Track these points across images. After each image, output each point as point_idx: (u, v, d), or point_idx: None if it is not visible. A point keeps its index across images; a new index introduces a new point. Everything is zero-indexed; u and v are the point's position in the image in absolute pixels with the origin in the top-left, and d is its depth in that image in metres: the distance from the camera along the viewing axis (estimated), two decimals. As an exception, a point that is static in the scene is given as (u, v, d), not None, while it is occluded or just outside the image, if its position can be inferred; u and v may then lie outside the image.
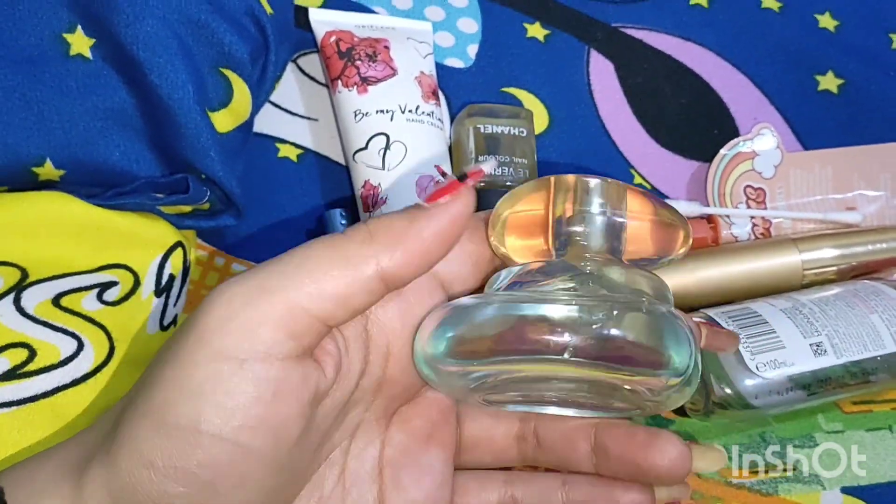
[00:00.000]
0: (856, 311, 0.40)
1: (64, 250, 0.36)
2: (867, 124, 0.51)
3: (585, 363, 0.26)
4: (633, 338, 0.26)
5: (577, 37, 0.52)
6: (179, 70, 0.37)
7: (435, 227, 0.26)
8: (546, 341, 0.25)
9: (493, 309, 0.27)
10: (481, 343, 0.27)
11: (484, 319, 0.26)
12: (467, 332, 0.27)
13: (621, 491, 0.30)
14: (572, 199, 0.29)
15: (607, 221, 0.29)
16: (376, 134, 0.44)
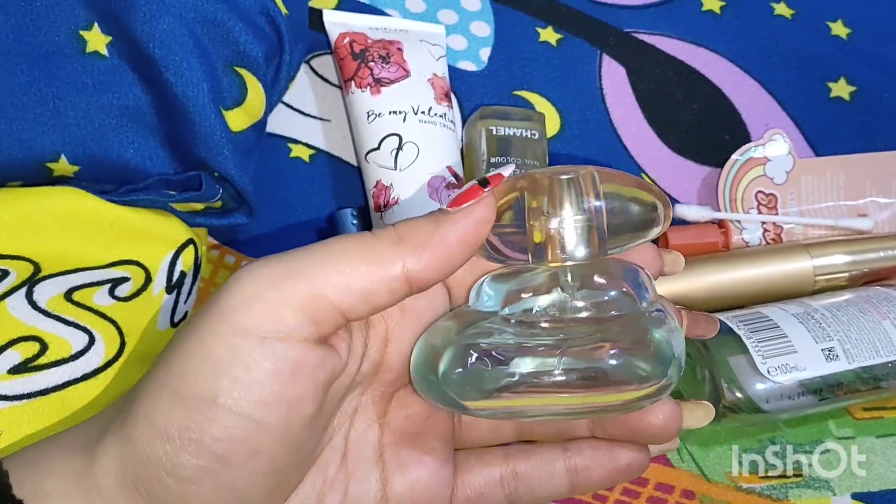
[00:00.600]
0: (868, 316, 0.40)
1: (76, 245, 0.36)
2: (879, 131, 0.51)
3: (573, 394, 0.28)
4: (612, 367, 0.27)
5: (590, 41, 0.52)
6: (195, 68, 0.37)
7: (460, 231, 0.27)
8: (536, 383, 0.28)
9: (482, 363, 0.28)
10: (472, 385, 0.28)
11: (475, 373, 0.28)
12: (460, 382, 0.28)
13: (621, 451, 0.31)
14: (546, 197, 0.28)
15: (583, 222, 0.28)
16: (389, 135, 0.45)
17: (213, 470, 0.25)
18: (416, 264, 0.26)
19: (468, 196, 0.27)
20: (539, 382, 0.27)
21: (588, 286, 0.29)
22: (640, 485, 0.39)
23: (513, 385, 0.28)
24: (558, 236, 0.28)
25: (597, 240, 0.28)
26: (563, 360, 0.27)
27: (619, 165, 0.49)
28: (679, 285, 0.44)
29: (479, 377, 0.28)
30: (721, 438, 0.41)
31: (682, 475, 0.40)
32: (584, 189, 0.28)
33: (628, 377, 0.27)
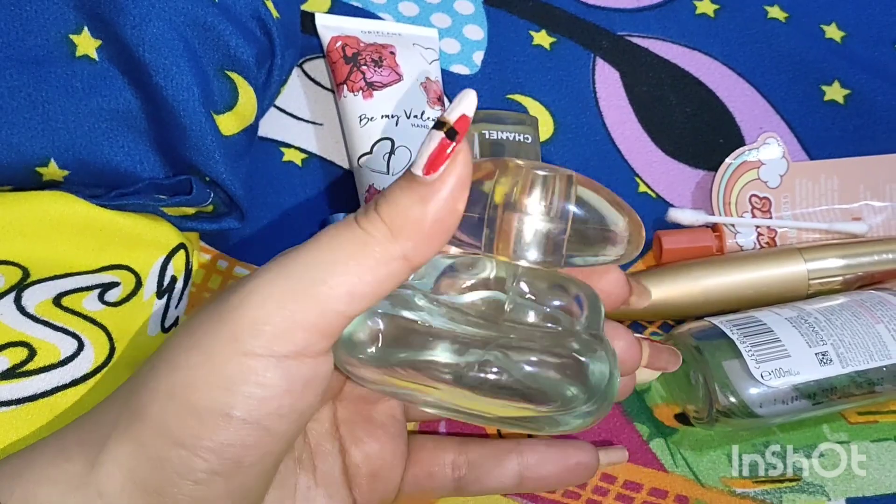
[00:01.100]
0: (861, 320, 0.40)
1: (66, 250, 0.36)
2: (873, 135, 0.51)
3: (475, 395, 0.27)
4: (516, 379, 0.26)
5: (583, 45, 0.52)
6: (185, 72, 0.37)
7: (449, 203, 0.26)
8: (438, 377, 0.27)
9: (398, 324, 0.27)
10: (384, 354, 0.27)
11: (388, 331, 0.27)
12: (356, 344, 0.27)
13: (572, 451, 0.33)
14: (516, 189, 0.27)
15: (546, 223, 0.27)
16: (381, 139, 0.44)
17: (226, 473, 0.25)
18: (415, 251, 0.26)
19: (440, 156, 0.25)
20: (442, 372, 0.27)
21: (532, 293, 0.28)
22: (634, 490, 0.39)
23: (415, 364, 0.27)
24: (516, 231, 0.27)
25: (553, 245, 0.27)
26: (479, 356, 0.26)
27: (613, 169, 0.49)
28: (673, 289, 0.44)
29: (390, 347, 0.27)
30: (715, 443, 0.41)
31: (676, 480, 0.39)
32: (558, 190, 0.27)
33: (538, 392, 0.27)
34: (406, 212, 0.26)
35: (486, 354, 0.26)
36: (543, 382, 0.27)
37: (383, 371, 0.27)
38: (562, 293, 0.28)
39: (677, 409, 0.42)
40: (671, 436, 0.41)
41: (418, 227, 0.26)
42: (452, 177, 0.25)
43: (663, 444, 0.40)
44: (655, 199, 0.49)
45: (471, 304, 0.28)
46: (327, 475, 0.31)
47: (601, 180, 0.48)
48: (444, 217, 0.26)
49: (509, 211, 0.27)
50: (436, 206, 0.26)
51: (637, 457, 0.40)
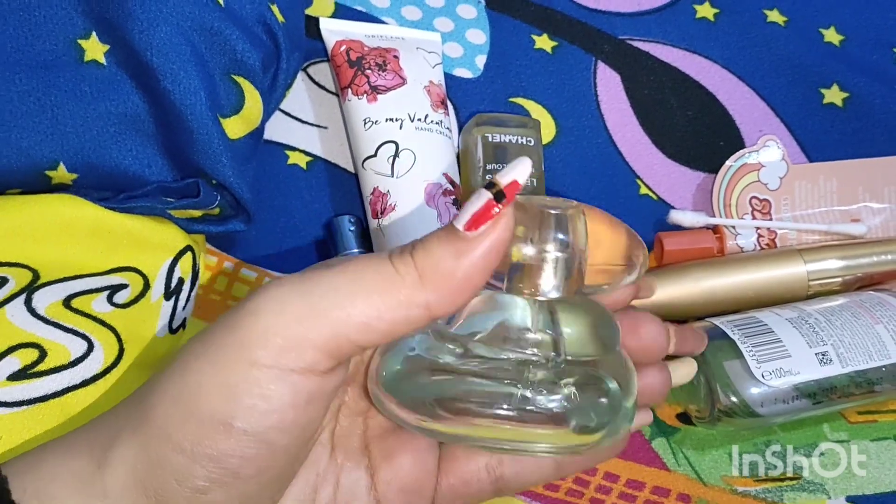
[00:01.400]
0: (861, 321, 0.40)
1: (75, 253, 0.36)
2: (872, 137, 0.51)
3: (520, 428, 0.28)
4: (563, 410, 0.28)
5: (585, 49, 0.52)
6: (192, 76, 0.37)
7: (481, 262, 0.26)
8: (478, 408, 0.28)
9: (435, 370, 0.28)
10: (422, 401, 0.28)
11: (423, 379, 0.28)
12: (410, 389, 0.28)
13: None
14: (530, 228, 0.28)
15: (562, 258, 0.28)
16: (385, 142, 0.45)
17: (225, 482, 0.25)
18: (438, 304, 0.26)
19: (484, 216, 0.26)
20: (487, 412, 0.27)
21: (556, 323, 0.28)
22: (637, 489, 0.39)
23: (459, 409, 0.28)
24: (538, 268, 0.28)
25: (574, 278, 0.28)
26: (519, 391, 0.27)
27: (615, 171, 0.50)
28: (674, 291, 0.44)
29: (426, 392, 0.28)
30: (717, 442, 0.41)
31: (679, 479, 0.40)
32: (571, 227, 0.28)
33: (577, 421, 0.28)
34: (439, 263, 0.26)
35: (519, 389, 0.27)
36: (574, 411, 0.28)
37: (420, 412, 0.28)
38: (583, 322, 0.29)
39: (679, 408, 0.42)
40: (673, 435, 0.41)
41: (447, 281, 0.26)
42: (491, 238, 0.26)
43: (665, 444, 0.41)
44: (656, 201, 0.49)
45: (500, 341, 0.28)
46: (348, 491, 0.30)
47: (603, 183, 0.49)
48: (474, 275, 0.26)
49: (529, 247, 0.28)
50: (468, 263, 0.26)
51: (639, 456, 0.40)
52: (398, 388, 0.28)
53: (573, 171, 0.49)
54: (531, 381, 0.27)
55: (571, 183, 0.49)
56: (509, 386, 0.27)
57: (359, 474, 0.30)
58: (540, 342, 0.28)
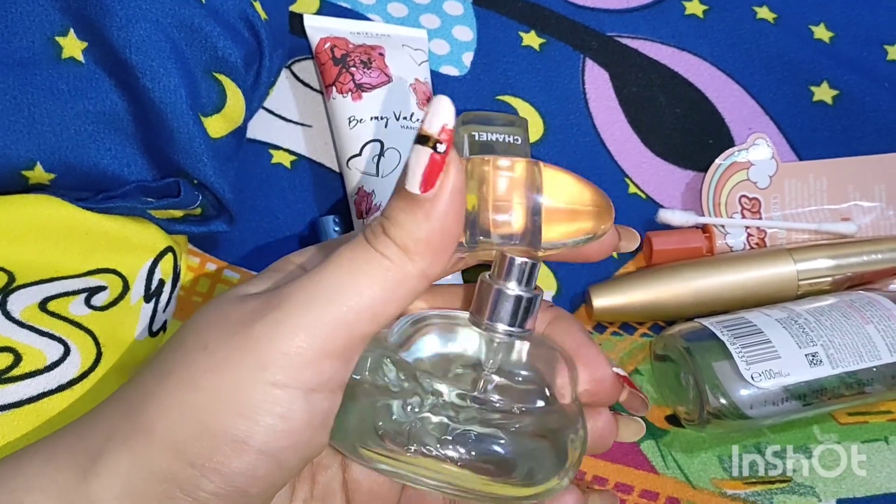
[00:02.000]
0: (851, 321, 0.40)
1: (52, 254, 0.36)
2: (862, 135, 0.51)
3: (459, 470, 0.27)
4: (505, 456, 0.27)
5: (573, 46, 0.52)
6: (172, 74, 0.37)
7: (451, 214, 0.26)
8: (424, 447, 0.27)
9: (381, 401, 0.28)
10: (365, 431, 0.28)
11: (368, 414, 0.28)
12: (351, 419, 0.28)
13: None
14: (488, 189, 0.28)
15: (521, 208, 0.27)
16: (370, 140, 0.44)
17: (229, 498, 0.25)
18: (431, 266, 0.26)
19: (433, 171, 0.26)
20: (421, 446, 0.27)
21: (509, 365, 0.28)
22: (626, 492, 0.39)
23: (397, 437, 0.27)
24: (490, 213, 0.27)
25: (532, 226, 0.28)
26: (459, 431, 0.27)
27: (603, 170, 0.49)
28: (663, 291, 0.44)
29: (370, 424, 0.28)
30: (706, 445, 0.41)
31: (667, 482, 0.39)
32: (527, 182, 0.27)
33: (515, 470, 0.27)
34: (414, 233, 0.26)
35: (460, 428, 0.27)
36: (514, 457, 0.27)
37: (359, 441, 0.28)
38: (539, 368, 0.29)
39: (668, 410, 0.42)
40: (662, 437, 0.41)
41: (429, 245, 0.26)
42: (448, 188, 0.26)
43: (654, 446, 0.40)
44: (645, 200, 0.49)
45: (451, 376, 0.28)
46: (324, 489, 0.31)
47: (591, 181, 0.48)
48: (450, 227, 0.26)
49: (487, 199, 0.27)
50: (440, 221, 0.26)
51: (628, 459, 0.40)
52: (340, 414, 0.28)
53: (561, 169, 0.48)
54: (472, 421, 0.27)
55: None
56: (450, 421, 0.27)
57: (333, 472, 0.31)
58: (489, 382, 0.28)
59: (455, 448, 0.27)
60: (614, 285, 0.44)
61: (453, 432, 0.27)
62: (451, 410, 0.27)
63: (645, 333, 0.45)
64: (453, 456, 0.27)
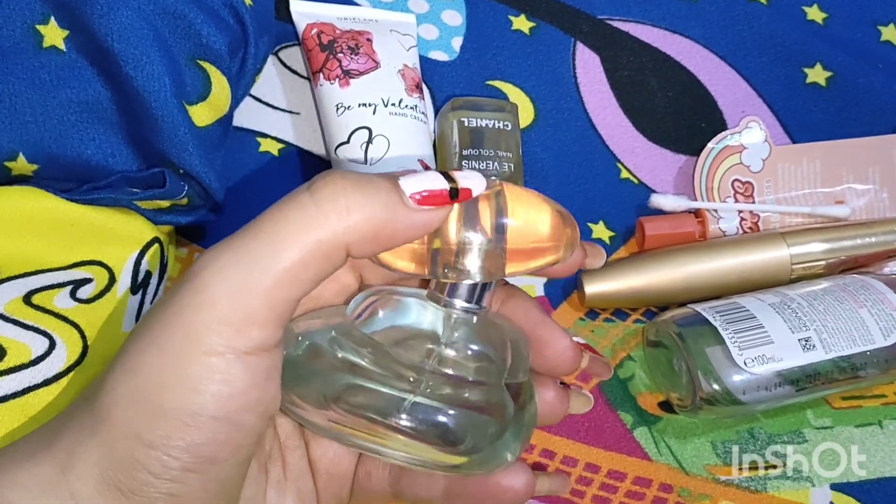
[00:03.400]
0: (844, 305, 0.40)
1: (36, 247, 0.35)
2: (855, 117, 0.51)
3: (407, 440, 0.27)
4: (453, 428, 0.27)
5: (563, 29, 0.51)
6: (155, 62, 0.36)
7: (411, 232, 0.26)
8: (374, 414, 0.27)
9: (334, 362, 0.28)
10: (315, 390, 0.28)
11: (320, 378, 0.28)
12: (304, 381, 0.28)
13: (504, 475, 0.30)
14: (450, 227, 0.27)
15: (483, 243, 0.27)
16: (359, 128, 0.44)
17: (200, 468, 0.25)
18: (358, 248, 0.26)
19: (433, 200, 0.26)
20: (377, 415, 0.27)
21: (464, 340, 0.28)
22: (618, 479, 0.39)
23: (353, 405, 0.27)
24: (454, 253, 0.27)
25: (493, 262, 0.27)
26: (411, 402, 0.27)
27: (595, 155, 0.49)
28: (656, 276, 0.44)
29: (321, 383, 0.28)
30: (699, 431, 0.40)
31: (661, 469, 0.39)
32: (490, 208, 0.27)
33: (464, 442, 0.27)
34: (373, 213, 0.25)
35: (412, 398, 0.27)
36: (463, 427, 0.27)
37: (309, 402, 0.28)
38: (492, 342, 0.29)
39: (661, 396, 0.42)
40: (655, 424, 0.41)
41: (375, 229, 0.25)
42: (429, 218, 0.26)
43: (647, 433, 0.40)
44: (637, 185, 0.48)
45: (402, 349, 0.28)
46: (296, 469, 0.31)
47: (582, 167, 0.48)
48: (399, 237, 0.26)
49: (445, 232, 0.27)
50: (400, 223, 0.26)
51: (621, 446, 0.40)
52: (293, 374, 0.28)
53: (552, 155, 0.48)
54: (425, 392, 0.27)
55: (550, 168, 0.48)
56: (403, 392, 0.27)
57: (300, 452, 0.31)
58: (444, 356, 0.28)
59: (407, 418, 0.27)
60: (606, 271, 0.44)
61: (406, 403, 0.27)
62: (405, 383, 0.27)
63: (638, 319, 0.44)
64: (405, 426, 0.27)
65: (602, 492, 0.38)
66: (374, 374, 0.27)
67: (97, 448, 0.25)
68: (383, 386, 0.27)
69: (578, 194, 0.47)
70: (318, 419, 0.28)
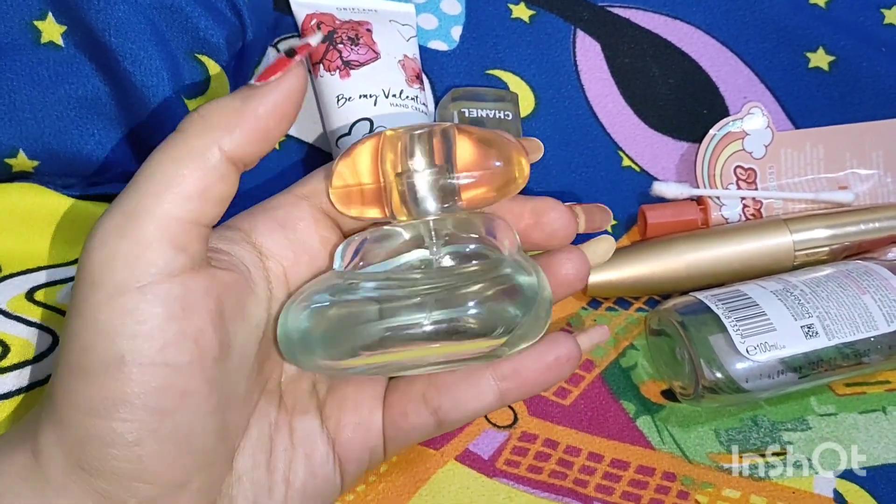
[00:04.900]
0: (848, 291, 0.39)
1: (38, 243, 0.35)
2: (859, 102, 0.50)
3: (443, 344, 0.28)
4: (477, 315, 0.28)
5: (563, 17, 0.51)
6: (153, 56, 0.36)
7: (269, 103, 0.26)
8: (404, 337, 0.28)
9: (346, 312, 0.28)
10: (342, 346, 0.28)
11: (339, 323, 0.28)
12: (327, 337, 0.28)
13: (548, 346, 0.31)
14: (399, 157, 0.29)
15: (436, 177, 0.29)
16: (360, 119, 0.44)
17: (151, 425, 0.24)
18: (230, 143, 0.26)
19: (276, 68, 0.26)
20: (407, 336, 0.27)
21: (450, 241, 0.30)
22: (621, 469, 0.39)
23: (380, 341, 0.28)
24: (410, 191, 0.29)
25: (447, 193, 0.29)
26: (431, 313, 0.27)
27: (596, 143, 0.48)
28: (658, 264, 0.43)
29: (346, 336, 0.28)
30: (702, 419, 0.40)
31: (663, 457, 0.39)
32: (437, 144, 0.29)
33: (494, 323, 0.28)
34: (224, 105, 0.26)
35: (431, 307, 0.27)
36: (489, 314, 0.28)
37: (340, 358, 0.28)
38: (475, 232, 0.30)
39: (664, 385, 0.42)
40: (658, 413, 0.41)
41: (233, 117, 0.26)
42: (281, 85, 0.26)
43: (650, 422, 0.40)
44: (639, 172, 0.48)
45: (405, 268, 0.29)
46: (306, 435, 0.30)
47: (584, 155, 0.48)
48: (263, 114, 0.26)
49: (399, 176, 0.29)
50: (256, 102, 0.26)
51: (624, 435, 0.40)
52: (312, 343, 0.28)
53: (553, 144, 0.48)
54: (442, 299, 0.27)
55: (552, 156, 0.47)
56: (423, 309, 0.27)
57: (311, 419, 0.30)
58: (442, 262, 0.29)
59: (435, 328, 0.27)
60: (609, 260, 0.43)
61: (430, 316, 0.27)
62: (421, 298, 0.28)
63: (640, 308, 0.44)
64: (436, 333, 0.27)
65: (605, 481, 0.38)
66: (392, 302, 0.28)
67: (54, 429, 0.25)
68: (405, 310, 0.27)
69: (580, 183, 0.47)
70: (351, 366, 0.28)
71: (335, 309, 0.28)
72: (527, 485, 0.38)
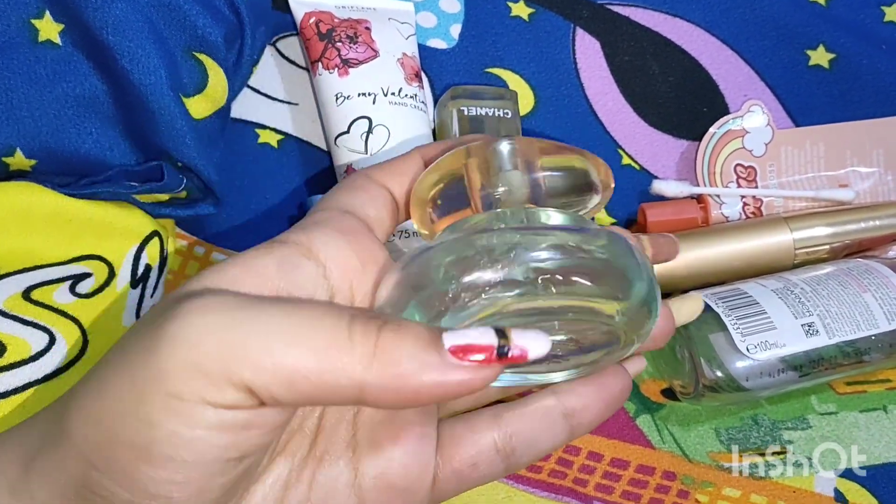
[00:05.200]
0: (848, 290, 0.39)
1: (35, 242, 0.35)
2: (859, 99, 0.50)
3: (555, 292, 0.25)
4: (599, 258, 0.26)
5: (563, 15, 0.51)
6: (151, 54, 0.36)
7: (440, 389, 0.23)
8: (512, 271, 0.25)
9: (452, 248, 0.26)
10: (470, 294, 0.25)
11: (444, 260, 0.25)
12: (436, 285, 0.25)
13: (609, 380, 0.30)
14: (487, 166, 0.29)
15: (525, 176, 0.29)
16: (358, 117, 0.43)
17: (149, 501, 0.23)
18: (374, 391, 0.23)
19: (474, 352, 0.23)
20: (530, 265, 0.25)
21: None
22: (621, 468, 0.39)
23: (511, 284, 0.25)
24: (504, 192, 0.28)
25: (537, 195, 0.29)
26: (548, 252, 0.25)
27: (596, 141, 0.48)
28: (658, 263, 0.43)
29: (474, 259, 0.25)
30: (702, 418, 0.40)
31: (664, 456, 0.39)
32: (521, 153, 0.29)
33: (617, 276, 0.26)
34: (402, 359, 0.23)
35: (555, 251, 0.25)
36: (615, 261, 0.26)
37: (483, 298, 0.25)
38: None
39: (664, 384, 0.41)
40: (658, 412, 0.40)
41: (396, 380, 0.23)
42: (466, 377, 0.23)
43: (650, 421, 0.40)
44: (639, 170, 0.48)
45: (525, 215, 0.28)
46: (328, 490, 0.28)
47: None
48: (424, 395, 0.23)
49: (491, 178, 0.28)
50: (428, 381, 0.23)
51: (624, 434, 0.40)
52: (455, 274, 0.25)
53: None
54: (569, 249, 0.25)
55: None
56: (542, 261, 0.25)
57: (339, 469, 0.28)
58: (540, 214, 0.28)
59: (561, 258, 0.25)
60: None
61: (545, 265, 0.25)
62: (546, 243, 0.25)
63: (640, 306, 0.44)
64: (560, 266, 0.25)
65: (605, 480, 0.38)
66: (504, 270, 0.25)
67: (54, 462, 0.24)
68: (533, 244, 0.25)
69: (580, 181, 0.47)
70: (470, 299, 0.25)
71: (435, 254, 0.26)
72: (526, 484, 0.38)
